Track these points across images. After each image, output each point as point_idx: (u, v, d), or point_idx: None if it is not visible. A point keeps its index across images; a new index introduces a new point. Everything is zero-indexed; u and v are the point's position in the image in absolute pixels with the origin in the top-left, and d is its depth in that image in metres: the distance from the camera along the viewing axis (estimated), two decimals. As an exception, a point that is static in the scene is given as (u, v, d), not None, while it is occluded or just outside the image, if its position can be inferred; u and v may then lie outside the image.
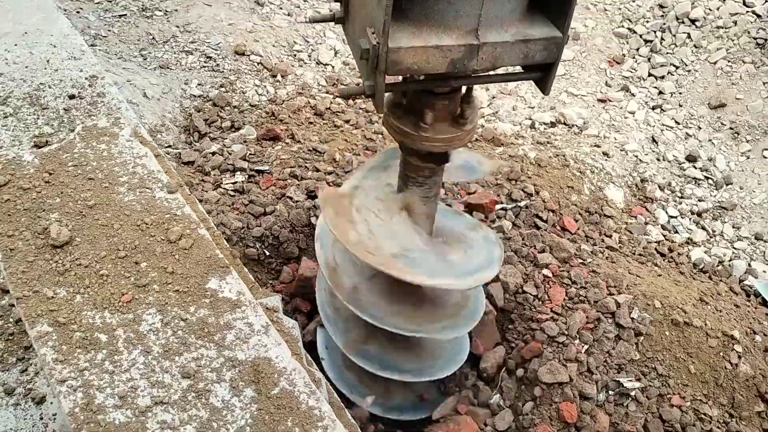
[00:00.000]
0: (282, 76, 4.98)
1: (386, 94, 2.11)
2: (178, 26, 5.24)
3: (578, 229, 4.04)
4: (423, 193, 2.45)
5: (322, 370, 2.99)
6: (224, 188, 3.76)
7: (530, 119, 4.99)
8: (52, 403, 2.53)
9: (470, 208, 3.88)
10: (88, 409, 1.55)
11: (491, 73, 2.17)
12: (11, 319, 2.74)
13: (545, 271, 3.58)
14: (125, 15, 5.28)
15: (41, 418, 2.49)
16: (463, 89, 2.23)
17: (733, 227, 4.46)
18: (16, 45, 3.90)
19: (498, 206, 3.98)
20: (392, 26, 1.70)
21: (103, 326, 1.70)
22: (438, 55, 1.83)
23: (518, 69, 2.13)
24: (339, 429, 1.57)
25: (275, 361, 1.68)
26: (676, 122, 5.06)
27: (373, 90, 1.85)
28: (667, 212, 4.45)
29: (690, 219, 4.47)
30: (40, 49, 3.90)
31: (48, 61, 3.83)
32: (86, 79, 3.77)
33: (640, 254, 4.10)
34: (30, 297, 1.73)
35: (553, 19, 1.94)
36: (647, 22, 5.63)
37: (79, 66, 3.84)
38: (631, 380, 3.27)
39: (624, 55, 5.54)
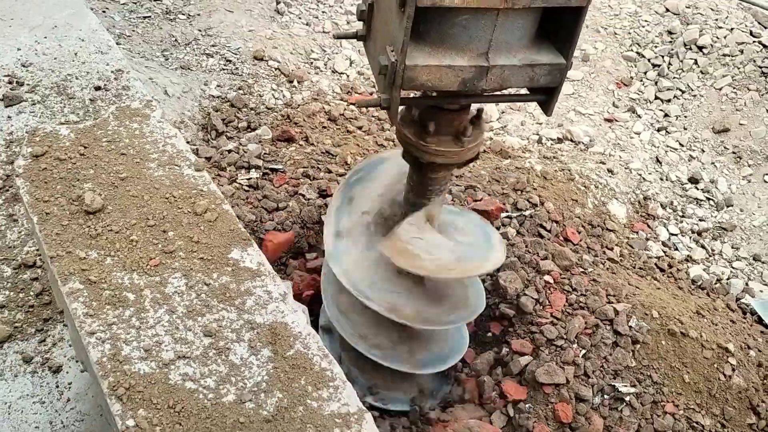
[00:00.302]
0: (298, 82, 5.13)
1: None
2: (200, 30, 5.40)
3: (580, 240, 4.15)
4: (440, 201, 2.61)
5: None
6: (239, 183, 3.89)
7: (537, 134, 5.12)
8: (68, 372, 2.63)
9: (476, 215, 3.99)
10: (114, 360, 1.66)
11: (499, 93, 2.32)
12: (32, 293, 2.85)
13: (547, 278, 3.67)
14: (149, 17, 5.45)
15: (57, 386, 2.60)
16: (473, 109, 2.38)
17: (732, 247, 4.56)
18: (45, 37, 4.05)
19: (503, 214, 4.09)
20: (410, 46, 1.85)
21: (131, 286, 1.81)
22: (450, 74, 1.98)
23: (524, 91, 2.28)
24: (348, 389, 1.67)
25: (291, 326, 1.78)
26: (680, 144, 5.18)
27: (389, 103, 1.99)
28: (668, 230, 4.56)
29: (690, 237, 4.57)
30: (68, 42, 4.05)
31: (76, 54, 3.98)
32: (112, 72, 3.92)
33: (640, 268, 4.20)
34: (63, 257, 1.85)
35: (559, 48, 2.09)
36: (656, 47, 5.79)
37: (106, 60, 3.99)
38: (626, 386, 3.35)
39: (632, 77, 5.69)
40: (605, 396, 3.33)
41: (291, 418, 1.60)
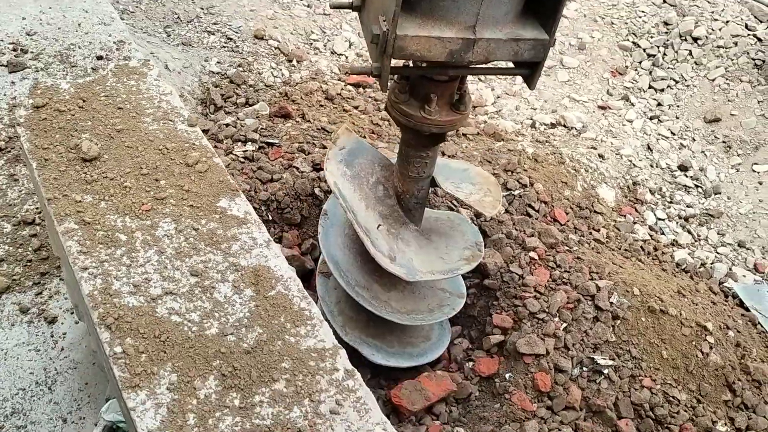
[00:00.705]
0: (297, 62, 5.21)
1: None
2: (202, 8, 5.49)
3: (568, 221, 4.24)
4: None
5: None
6: (235, 155, 3.98)
7: (531, 119, 5.20)
8: (62, 323, 2.73)
9: (466, 192, 4.08)
10: (105, 293, 1.75)
11: (485, 66, 2.42)
12: (30, 248, 2.95)
13: (532, 254, 3.77)
14: (153, -6, 5.53)
15: (52, 336, 2.70)
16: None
17: (718, 233, 4.65)
18: (50, 8, 4.14)
19: (493, 193, 4.18)
20: (401, 17, 1.95)
21: (124, 228, 1.91)
22: (439, 45, 2.08)
23: (510, 65, 2.39)
24: (325, 328, 1.76)
25: (274, 270, 1.88)
26: (671, 133, 5.27)
27: (380, 71, 2.09)
28: (655, 214, 4.65)
29: (677, 223, 4.66)
30: (72, 13, 4.14)
31: (79, 24, 4.07)
32: (114, 43, 4.01)
33: (625, 249, 4.29)
34: (60, 199, 1.94)
35: (543, 24, 2.19)
36: (651, 37, 5.86)
37: (108, 31, 4.08)
38: (604, 358, 3.45)
39: (627, 66, 5.77)
40: (584, 368, 3.42)
41: (269, 351, 1.70)
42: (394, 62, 2.12)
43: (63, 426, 2.42)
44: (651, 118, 5.38)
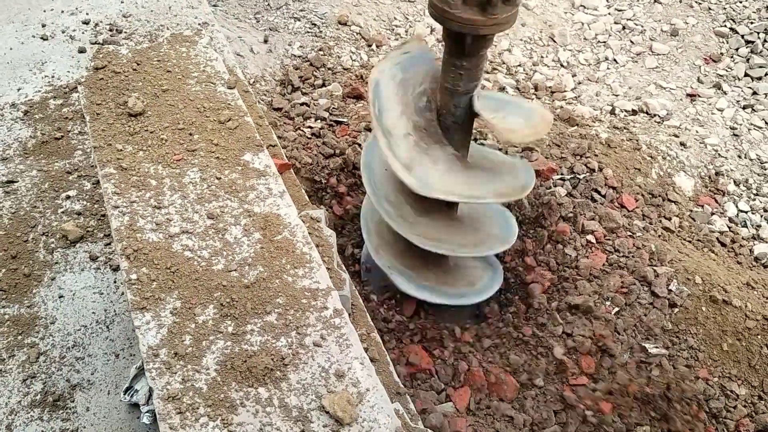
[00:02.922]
0: (377, 46, 5.35)
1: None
2: (291, -4, 5.74)
3: (636, 207, 4.11)
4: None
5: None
6: (303, 131, 4.17)
7: (611, 105, 5.06)
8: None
9: (527, 174, 4.05)
10: (130, 229, 1.96)
11: None
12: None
13: (589, 237, 3.70)
14: (247, -18, 5.85)
15: (114, 282, 2.98)
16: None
17: (808, 229, 4.33)
18: (146, -8, 4.51)
19: (556, 176, 4.13)
20: None
21: (155, 175, 2.11)
22: None
23: None
24: (322, 271, 1.87)
25: (283, 217, 2.02)
26: (765, 122, 4.95)
27: None
28: (737, 206, 4.39)
29: (762, 216, 4.38)
30: (165, -3, 4.49)
31: (170, 7, 4.41)
32: (199, 24, 4.31)
33: (698, 240, 4.10)
34: (104, 148, 2.17)
35: None
36: (751, 23, 5.52)
37: (195, 14, 4.40)
38: (657, 347, 3.34)
39: (722, 53, 5.46)
40: (635, 355, 3.33)
41: (266, 287, 1.83)
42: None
43: (115, 360, 2.68)
44: (744, 107, 5.07)
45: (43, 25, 4.22)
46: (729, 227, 4.27)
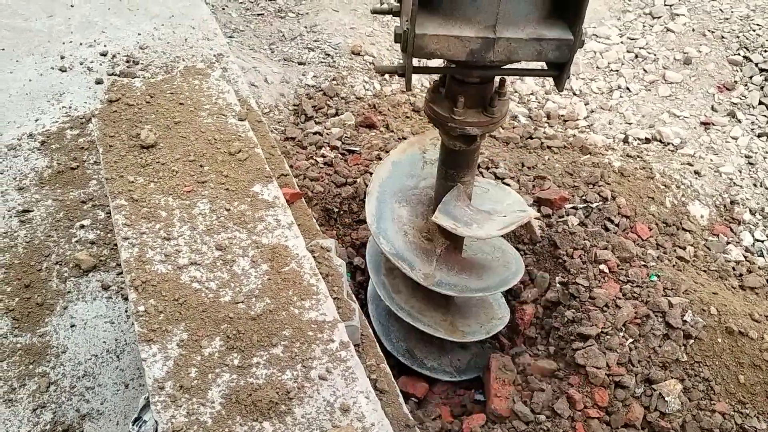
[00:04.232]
0: (390, 76, 5.40)
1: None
2: (305, 27, 5.83)
3: (650, 236, 4.07)
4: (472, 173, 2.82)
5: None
6: (315, 160, 4.20)
7: (624, 134, 5.05)
8: (136, 300, 3.03)
9: (539, 203, 4.05)
10: (139, 260, 1.97)
11: (512, 67, 2.42)
12: (118, 233, 3.30)
13: (602, 267, 3.66)
14: (263, 14, 5.96)
15: (126, 311, 3.00)
16: (497, 81, 2.49)
17: (826, 259, 4.26)
18: (162, 25, 4.60)
19: (569, 205, 4.11)
20: (423, 17, 2.05)
21: (165, 206, 2.13)
22: (458, 44, 2.13)
23: (540, 66, 2.37)
24: (329, 303, 1.87)
25: (291, 249, 2.02)
26: (781, 151, 4.91)
27: (404, 69, 2.18)
28: (753, 236, 4.35)
29: (778, 245, 4.33)
30: (181, 29, 4.58)
31: (186, 39, 4.49)
32: (214, 56, 4.39)
33: (714, 270, 4.05)
34: (116, 179, 2.20)
35: (570, 25, 2.16)
36: (765, 51, 5.51)
37: (210, 45, 4.47)
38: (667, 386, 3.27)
39: (736, 82, 5.45)
40: (648, 387, 3.28)
41: (273, 319, 1.83)
42: (424, 62, 2.20)
43: (125, 390, 2.69)
44: (759, 135, 5.04)
45: (62, 57, 4.32)
46: (745, 257, 4.22)
